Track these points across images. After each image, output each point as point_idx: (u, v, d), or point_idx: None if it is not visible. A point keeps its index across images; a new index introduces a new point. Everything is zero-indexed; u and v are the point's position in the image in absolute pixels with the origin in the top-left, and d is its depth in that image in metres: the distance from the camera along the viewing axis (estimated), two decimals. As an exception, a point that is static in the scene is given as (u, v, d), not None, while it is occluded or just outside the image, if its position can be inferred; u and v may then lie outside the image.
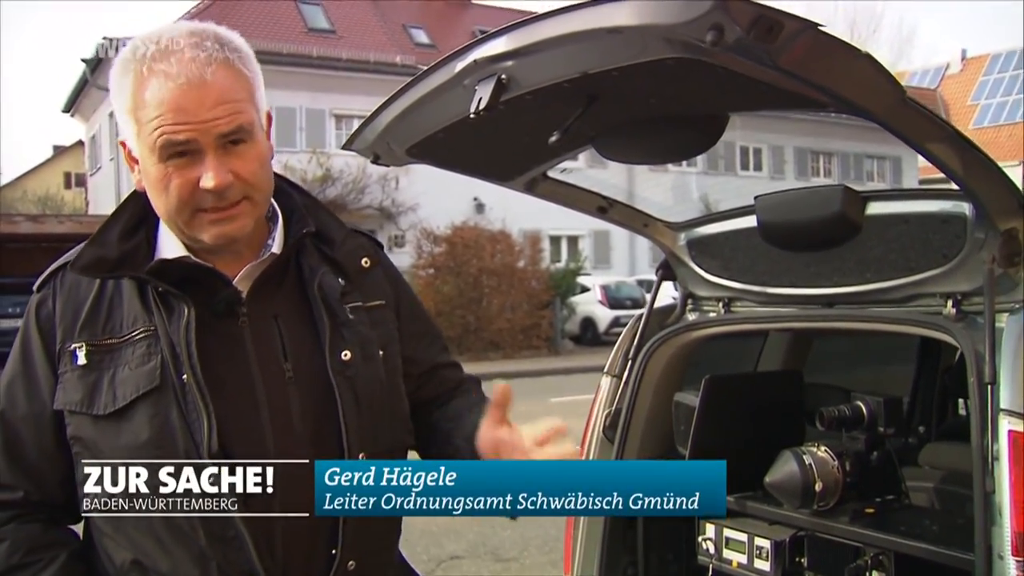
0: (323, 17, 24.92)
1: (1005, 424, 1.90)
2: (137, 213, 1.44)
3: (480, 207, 22.88)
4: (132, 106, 1.32)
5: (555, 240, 25.87)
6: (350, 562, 1.40)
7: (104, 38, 21.30)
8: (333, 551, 1.39)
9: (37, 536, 1.37)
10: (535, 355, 19.25)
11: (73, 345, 1.36)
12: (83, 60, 22.88)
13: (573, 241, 26.73)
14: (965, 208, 2.16)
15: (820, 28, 1.46)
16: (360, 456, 1.40)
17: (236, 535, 1.31)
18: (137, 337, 1.35)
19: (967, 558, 1.97)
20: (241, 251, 1.44)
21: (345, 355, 1.43)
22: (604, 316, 21.54)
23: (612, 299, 21.86)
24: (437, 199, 20.93)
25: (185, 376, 1.32)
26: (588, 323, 21.74)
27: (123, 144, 1.39)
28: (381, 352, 1.49)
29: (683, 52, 1.55)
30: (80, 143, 34.97)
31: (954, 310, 2.19)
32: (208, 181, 1.31)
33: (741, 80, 1.64)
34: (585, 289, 21.86)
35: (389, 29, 25.75)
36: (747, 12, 1.39)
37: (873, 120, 1.73)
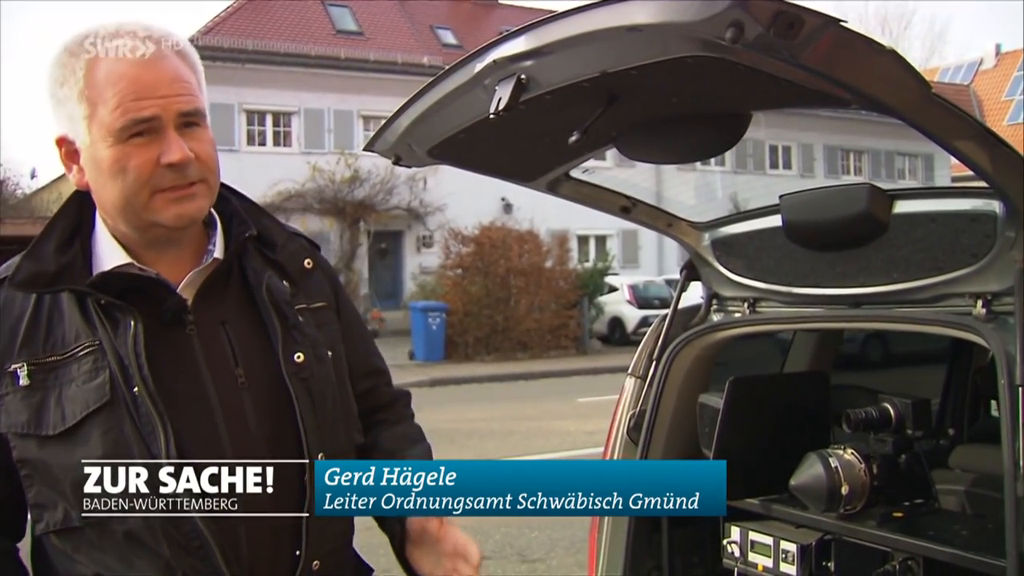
0: (351, 19, 25.05)
1: (1036, 427, 1.86)
2: (70, 225, 1.41)
3: (508, 207, 22.88)
4: (83, 87, 1.30)
5: (583, 240, 25.83)
6: (314, 562, 1.39)
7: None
8: (297, 552, 1.37)
9: None
10: (563, 355, 19.23)
11: (14, 365, 1.32)
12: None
13: (601, 241, 26.66)
14: (995, 206, 2.11)
15: (842, 23, 1.44)
16: (320, 456, 1.39)
17: (201, 544, 1.29)
18: (81, 353, 1.32)
19: (999, 564, 1.92)
20: (183, 256, 1.42)
21: (298, 357, 1.42)
22: (632, 316, 21.46)
23: (640, 299, 21.78)
24: (465, 199, 20.97)
25: (136, 388, 1.29)
26: (616, 323, 21.69)
27: (60, 142, 1.36)
28: (330, 353, 1.49)
29: (703, 50, 1.53)
30: (113, 146, 35.30)
31: (984, 310, 2.15)
32: (172, 155, 1.30)
33: (762, 78, 1.62)
34: (613, 289, 21.80)
35: (416, 30, 25.84)
36: (767, 8, 1.37)
37: (898, 117, 1.69)
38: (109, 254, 1.39)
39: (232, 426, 1.35)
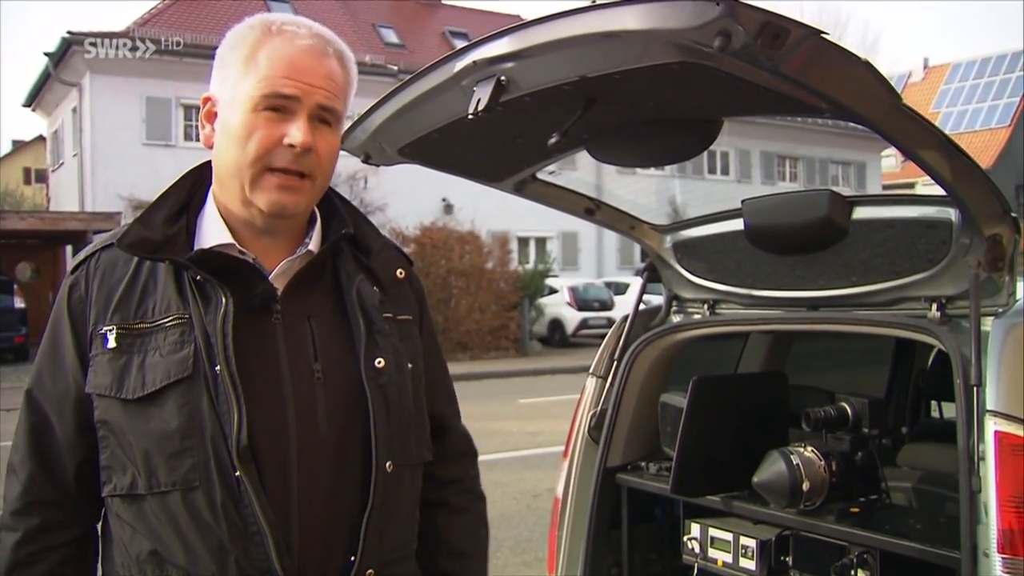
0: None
1: (991, 425, 1.94)
2: (182, 199, 1.45)
3: (449, 208, 22.84)
4: (247, 54, 1.36)
5: (523, 241, 25.89)
6: (368, 570, 1.38)
7: (68, 32, 20.96)
8: (352, 558, 1.37)
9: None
10: (503, 356, 19.25)
11: (104, 328, 1.36)
12: (46, 54, 22.45)
13: (541, 242, 26.78)
14: (951, 213, 2.20)
15: (823, 35, 1.49)
16: (387, 465, 1.39)
17: (258, 531, 1.30)
18: (169, 324, 1.35)
19: (953, 556, 2.00)
20: (281, 245, 1.44)
21: (379, 362, 1.41)
22: (572, 318, 21.60)
23: (580, 301, 21.93)
24: (406, 199, 20.86)
25: (218, 367, 1.31)
26: (556, 324, 21.79)
27: (205, 100, 1.42)
28: (410, 365, 1.49)
29: (688, 57, 1.57)
30: (40, 138, 34.37)
31: (938, 313, 2.24)
32: (295, 137, 1.34)
33: (742, 85, 1.67)
34: (553, 291, 21.90)
35: (359, 28, 25.62)
36: (755, 19, 1.41)
37: (868, 126, 1.76)
38: (212, 231, 1.41)
39: (301, 419, 1.36)
